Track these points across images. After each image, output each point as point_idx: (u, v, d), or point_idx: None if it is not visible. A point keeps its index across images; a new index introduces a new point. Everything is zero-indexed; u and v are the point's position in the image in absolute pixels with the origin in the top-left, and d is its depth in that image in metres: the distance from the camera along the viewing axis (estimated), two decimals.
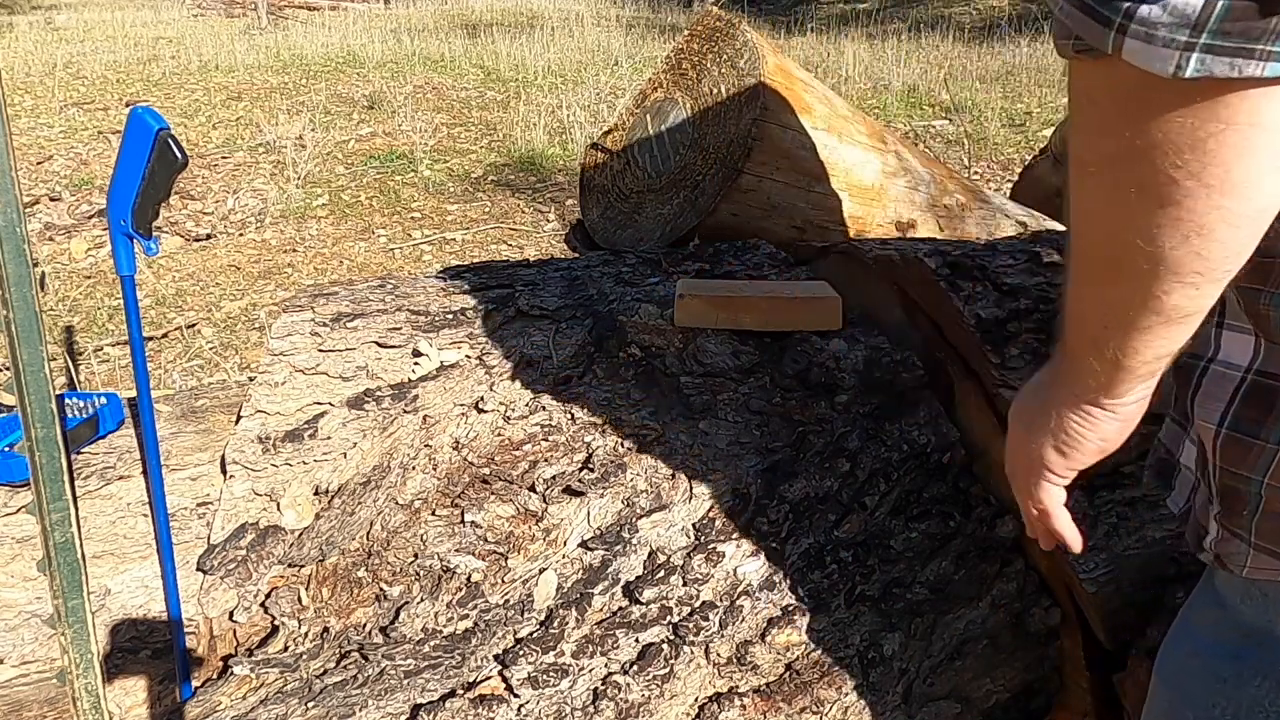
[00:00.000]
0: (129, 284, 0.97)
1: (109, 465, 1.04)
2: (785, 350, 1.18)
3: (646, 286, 1.29)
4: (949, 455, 1.14)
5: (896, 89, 6.35)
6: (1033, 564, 1.13)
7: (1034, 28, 8.02)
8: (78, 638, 0.77)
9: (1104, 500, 1.09)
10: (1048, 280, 1.23)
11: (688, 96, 1.61)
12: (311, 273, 3.71)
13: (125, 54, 7.97)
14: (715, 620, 1.00)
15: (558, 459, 1.06)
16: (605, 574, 1.01)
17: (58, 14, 11.10)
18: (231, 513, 1.00)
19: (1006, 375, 1.11)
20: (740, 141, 1.49)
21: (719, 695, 1.00)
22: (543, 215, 4.29)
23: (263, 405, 1.05)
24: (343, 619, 0.98)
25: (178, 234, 3.99)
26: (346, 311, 1.16)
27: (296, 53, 8.09)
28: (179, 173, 0.93)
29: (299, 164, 4.72)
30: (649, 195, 1.62)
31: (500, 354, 1.13)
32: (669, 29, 9.38)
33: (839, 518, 1.07)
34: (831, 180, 1.59)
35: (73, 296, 3.42)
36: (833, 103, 1.65)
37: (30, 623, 0.93)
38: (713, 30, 1.61)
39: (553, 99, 6.11)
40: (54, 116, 5.74)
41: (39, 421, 0.73)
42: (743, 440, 1.10)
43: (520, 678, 0.94)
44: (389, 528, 1.01)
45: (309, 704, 0.90)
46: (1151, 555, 1.08)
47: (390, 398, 1.07)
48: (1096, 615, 1.06)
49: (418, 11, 10.91)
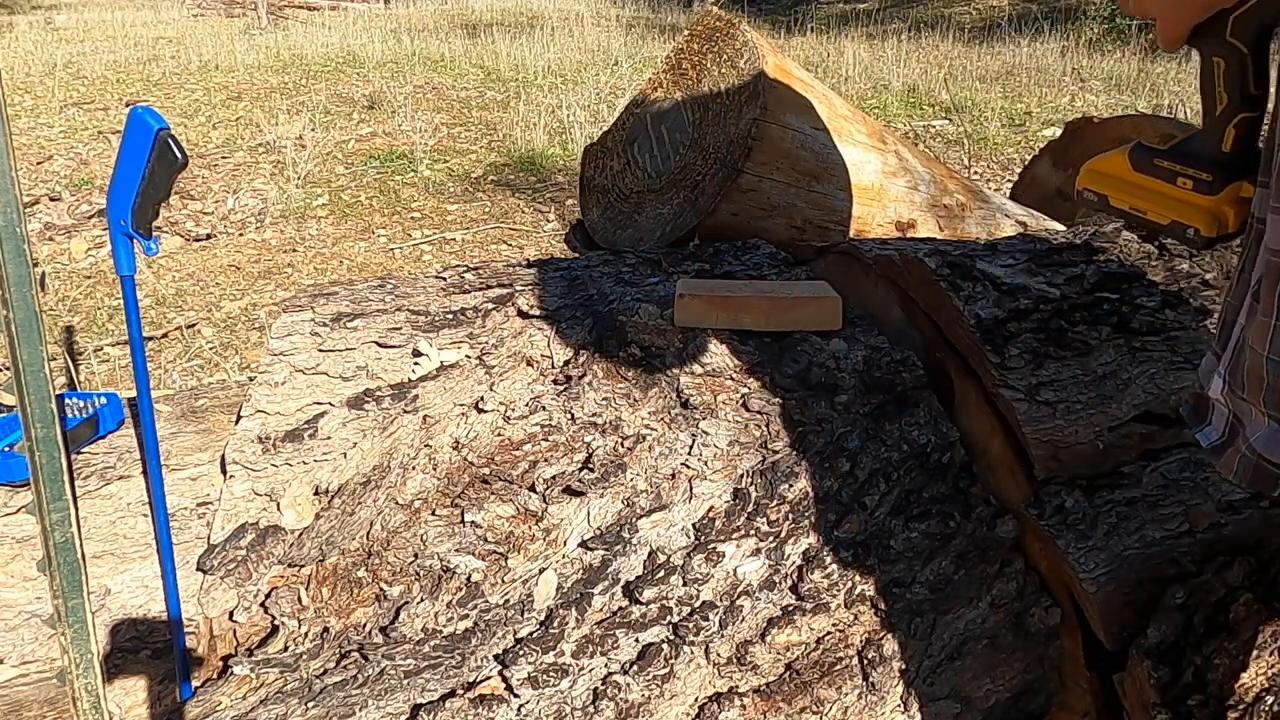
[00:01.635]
0: (129, 284, 0.97)
1: (109, 465, 1.04)
2: (785, 350, 1.18)
3: (646, 286, 1.29)
4: (949, 455, 1.14)
5: (896, 89, 6.35)
6: (1033, 564, 1.13)
7: (1034, 28, 8.02)
8: (78, 638, 0.77)
9: (1104, 500, 1.09)
10: (1048, 280, 1.23)
11: (688, 96, 1.61)
12: (311, 273, 3.71)
13: (125, 54, 7.97)
14: (715, 620, 1.00)
15: (558, 459, 1.06)
16: (605, 574, 1.01)
17: (58, 14, 11.10)
18: (231, 513, 1.00)
19: (1006, 375, 1.11)
20: (740, 141, 1.49)
21: (719, 695, 1.00)
22: (543, 215, 4.29)
23: (263, 405, 1.05)
24: (343, 619, 0.98)
25: (178, 234, 3.99)
26: (346, 311, 1.16)
27: (296, 53, 8.10)
28: (179, 173, 0.93)
29: (299, 164, 4.72)
30: (649, 195, 1.62)
31: (500, 354, 1.13)
32: (669, 29, 9.38)
33: (839, 518, 1.07)
34: (831, 180, 1.59)
35: (73, 296, 3.42)
36: (833, 102, 1.65)
37: (30, 623, 0.93)
38: (713, 30, 1.61)
39: (553, 99, 6.11)
40: (54, 116, 5.75)
41: (39, 421, 0.73)
42: (743, 440, 1.10)
43: (520, 678, 0.94)
44: (389, 528, 1.01)
45: (309, 704, 0.90)
46: (1151, 555, 1.08)
47: (390, 398, 1.07)
48: (1096, 615, 1.06)
49: (418, 11, 10.91)
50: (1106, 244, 1.31)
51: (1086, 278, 1.24)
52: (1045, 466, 1.09)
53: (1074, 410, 1.11)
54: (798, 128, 1.54)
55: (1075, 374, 1.13)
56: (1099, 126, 2.23)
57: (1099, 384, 1.13)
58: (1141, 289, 1.24)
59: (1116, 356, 1.15)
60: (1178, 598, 1.05)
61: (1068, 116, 2.43)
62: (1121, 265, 1.28)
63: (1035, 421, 1.09)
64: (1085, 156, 2.38)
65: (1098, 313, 1.19)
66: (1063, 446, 1.10)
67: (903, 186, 1.69)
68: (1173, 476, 1.12)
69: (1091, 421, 1.11)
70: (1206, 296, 1.23)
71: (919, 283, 1.24)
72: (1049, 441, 1.09)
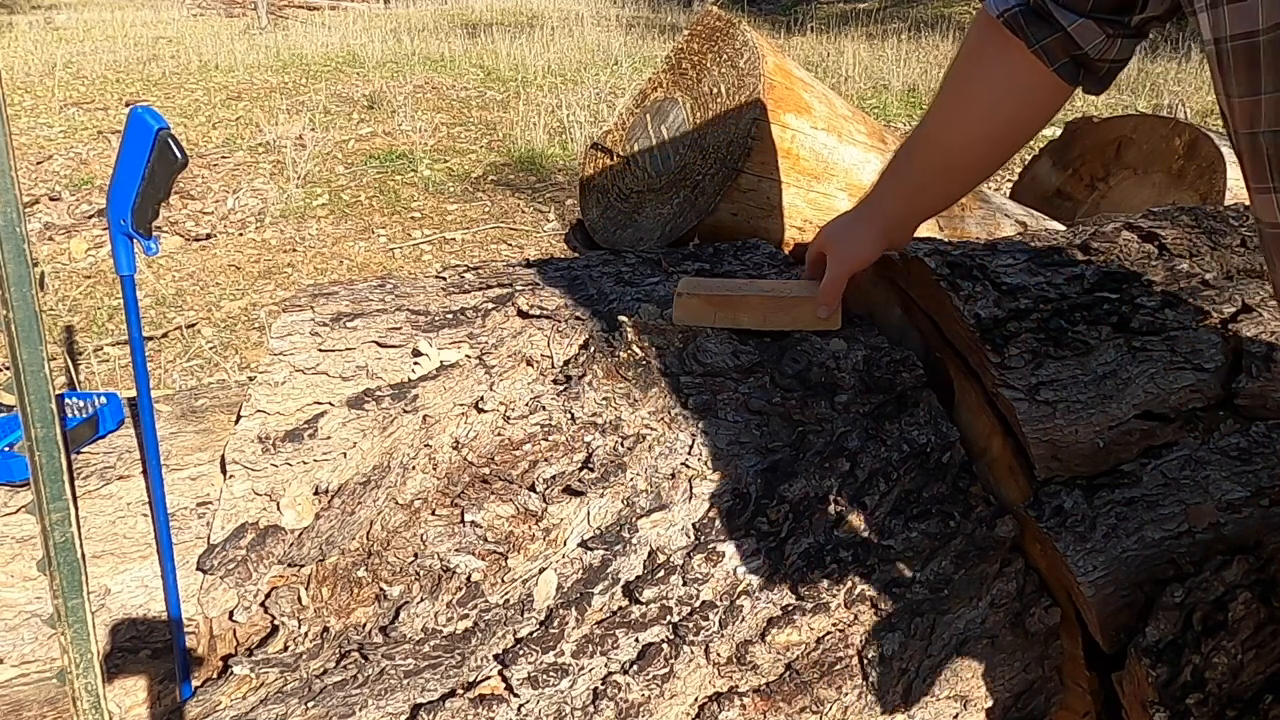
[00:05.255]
0: (129, 284, 0.97)
1: (109, 465, 1.04)
2: (785, 350, 1.18)
3: (646, 286, 1.29)
4: (949, 455, 1.14)
5: (896, 89, 6.35)
6: (1032, 564, 1.13)
7: None
8: (78, 638, 0.77)
9: (1103, 500, 1.09)
10: (1048, 280, 1.24)
11: (688, 96, 1.61)
12: (311, 273, 3.71)
13: (125, 54, 7.97)
14: (715, 620, 1.00)
15: (558, 459, 1.06)
16: (605, 574, 1.01)
17: (58, 14, 11.10)
18: (231, 513, 1.00)
19: (1006, 375, 1.11)
20: (740, 141, 1.49)
21: (719, 695, 1.00)
22: (543, 215, 4.29)
23: (263, 405, 1.05)
24: (343, 619, 0.98)
25: (178, 234, 3.99)
26: (346, 311, 1.16)
27: (296, 52, 8.10)
28: (179, 172, 0.93)
29: (299, 164, 4.72)
30: (649, 195, 1.62)
31: (500, 354, 1.13)
32: (669, 29, 9.38)
33: (839, 518, 1.07)
34: (831, 180, 1.59)
35: (73, 296, 3.42)
36: (832, 102, 1.65)
37: (30, 623, 0.93)
38: (713, 30, 1.61)
39: (552, 99, 6.11)
40: (54, 116, 5.75)
41: (39, 421, 0.73)
42: (743, 440, 1.10)
43: (520, 677, 0.94)
44: (389, 527, 1.02)
45: (309, 704, 0.90)
46: (1150, 556, 1.08)
47: (390, 397, 1.07)
48: (1094, 617, 1.06)
49: (418, 11, 10.91)
50: (1106, 244, 1.31)
51: (1086, 278, 1.24)
52: (1045, 466, 1.09)
53: (1074, 410, 1.11)
54: (798, 128, 1.54)
55: (1075, 374, 1.13)
56: (1098, 126, 2.24)
57: (1099, 384, 1.13)
58: (1141, 289, 1.24)
59: (1116, 356, 1.15)
60: (1176, 596, 1.05)
61: (1067, 116, 2.44)
62: (1121, 265, 1.28)
63: (1035, 421, 1.09)
64: (1085, 156, 2.40)
65: (1097, 313, 1.19)
66: (1063, 446, 1.10)
67: None
68: (1173, 475, 1.12)
69: (1091, 421, 1.11)
70: (1206, 296, 1.24)
71: (919, 282, 1.24)
72: (1049, 441, 1.09)
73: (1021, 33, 0.98)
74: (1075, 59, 0.99)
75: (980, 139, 1.09)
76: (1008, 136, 1.10)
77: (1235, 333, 1.19)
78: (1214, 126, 2.13)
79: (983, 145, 1.10)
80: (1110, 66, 1.01)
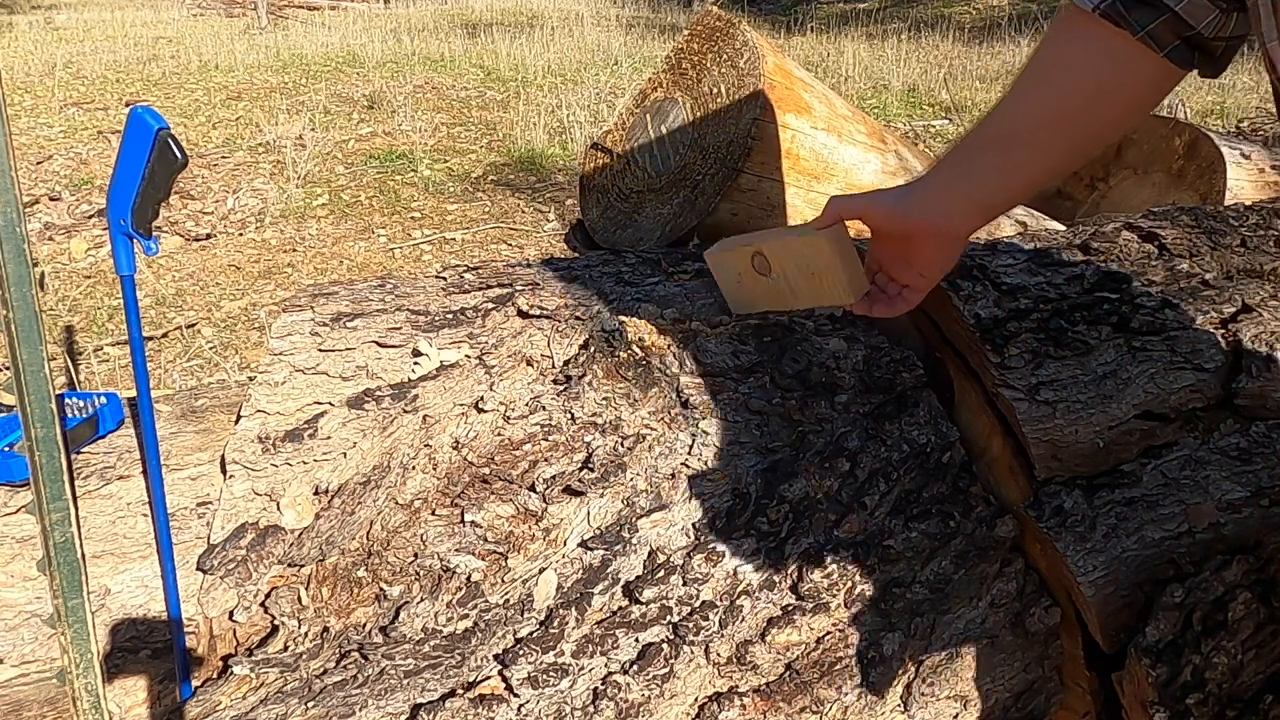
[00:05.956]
0: (129, 284, 0.97)
1: (109, 465, 1.04)
2: (785, 350, 1.18)
3: (646, 286, 1.29)
4: (949, 455, 1.14)
5: (896, 89, 6.35)
6: (1032, 564, 1.13)
7: (1034, 28, 8.01)
8: (78, 638, 0.77)
9: (1103, 500, 1.09)
10: (1048, 280, 1.24)
11: (688, 96, 1.61)
12: (311, 273, 3.71)
13: (125, 54, 7.97)
14: (715, 620, 1.00)
15: (558, 459, 1.06)
16: (605, 574, 1.01)
17: (58, 14, 11.10)
18: (231, 512, 1.00)
19: (1006, 375, 1.11)
20: (740, 141, 1.49)
21: (719, 695, 1.00)
22: (543, 215, 4.29)
23: (263, 405, 1.05)
24: (343, 619, 0.98)
25: (178, 234, 3.99)
26: (346, 311, 1.16)
27: (296, 52, 8.09)
28: (179, 172, 0.93)
29: (299, 164, 4.72)
30: (649, 195, 1.62)
31: (500, 354, 1.13)
32: (669, 29, 9.38)
33: (839, 518, 1.07)
34: (831, 180, 1.59)
35: (73, 296, 3.42)
36: (832, 102, 1.65)
37: (30, 623, 0.93)
38: (713, 30, 1.61)
39: (552, 99, 6.11)
40: (54, 116, 5.74)
41: (39, 421, 0.73)
42: (742, 440, 1.10)
43: (520, 677, 0.94)
44: (389, 527, 1.02)
45: (309, 704, 0.90)
46: (1150, 556, 1.08)
47: (390, 397, 1.07)
48: (1094, 618, 1.06)
49: (418, 11, 10.91)
50: (1106, 244, 1.31)
51: (1086, 277, 1.24)
52: (1045, 466, 1.09)
53: (1074, 410, 1.11)
54: (798, 128, 1.54)
55: (1075, 374, 1.13)
56: None
57: (1099, 383, 1.13)
58: (1141, 289, 1.24)
59: (1116, 356, 1.15)
60: (1176, 596, 1.05)
61: None
62: (1121, 265, 1.28)
63: (1035, 421, 1.09)
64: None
65: (1097, 312, 1.19)
66: (1063, 446, 1.10)
67: None
68: (1173, 475, 1.12)
69: (1091, 421, 1.11)
70: (1206, 296, 1.24)
71: None
72: (1049, 441, 1.09)
73: (1124, 20, 0.90)
74: (1187, 40, 0.89)
75: (1091, 138, 0.96)
76: (1111, 136, 1.01)
77: (1235, 333, 1.19)
78: (1214, 126, 2.13)
79: (1089, 146, 0.97)
80: (1227, 45, 0.91)
